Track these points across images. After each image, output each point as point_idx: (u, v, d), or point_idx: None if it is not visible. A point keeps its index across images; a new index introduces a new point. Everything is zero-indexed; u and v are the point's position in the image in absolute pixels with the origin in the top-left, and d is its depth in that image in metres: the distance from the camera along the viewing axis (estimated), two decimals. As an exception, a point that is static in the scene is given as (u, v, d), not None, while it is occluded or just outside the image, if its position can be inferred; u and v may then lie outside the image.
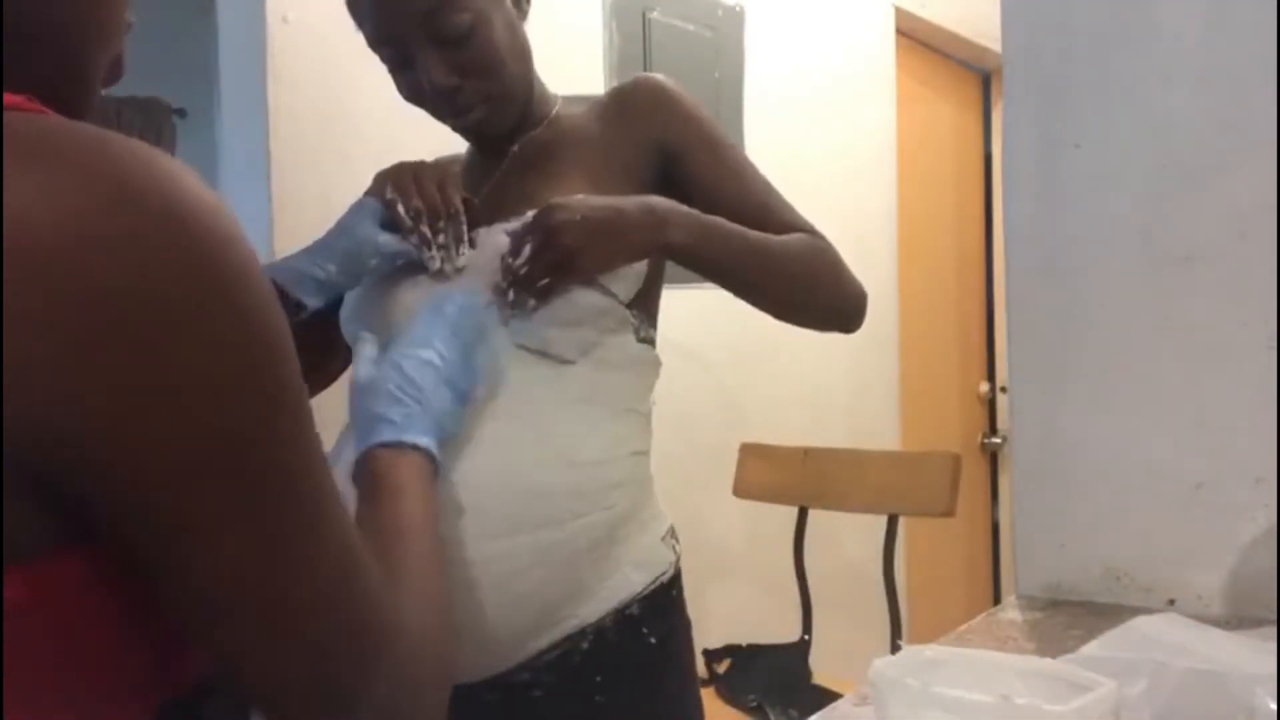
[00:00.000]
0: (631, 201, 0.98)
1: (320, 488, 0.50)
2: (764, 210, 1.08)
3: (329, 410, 0.89)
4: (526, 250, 0.94)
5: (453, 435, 0.85)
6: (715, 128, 1.10)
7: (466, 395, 0.87)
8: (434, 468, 0.79)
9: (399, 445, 0.77)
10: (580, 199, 0.96)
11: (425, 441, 0.79)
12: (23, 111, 0.43)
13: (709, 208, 1.03)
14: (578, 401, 0.97)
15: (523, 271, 0.94)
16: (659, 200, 0.99)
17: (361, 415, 0.81)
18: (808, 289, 1.08)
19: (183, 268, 0.42)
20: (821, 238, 1.09)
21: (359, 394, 0.84)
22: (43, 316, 0.39)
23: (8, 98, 0.43)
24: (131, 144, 0.43)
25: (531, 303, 0.95)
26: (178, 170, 0.44)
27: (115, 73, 0.55)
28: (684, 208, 1.00)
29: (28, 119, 0.43)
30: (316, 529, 0.49)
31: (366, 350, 0.88)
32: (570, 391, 0.97)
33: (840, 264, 1.09)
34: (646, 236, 0.97)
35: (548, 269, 0.94)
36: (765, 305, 1.08)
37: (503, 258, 0.97)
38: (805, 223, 1.10)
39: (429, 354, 0.84)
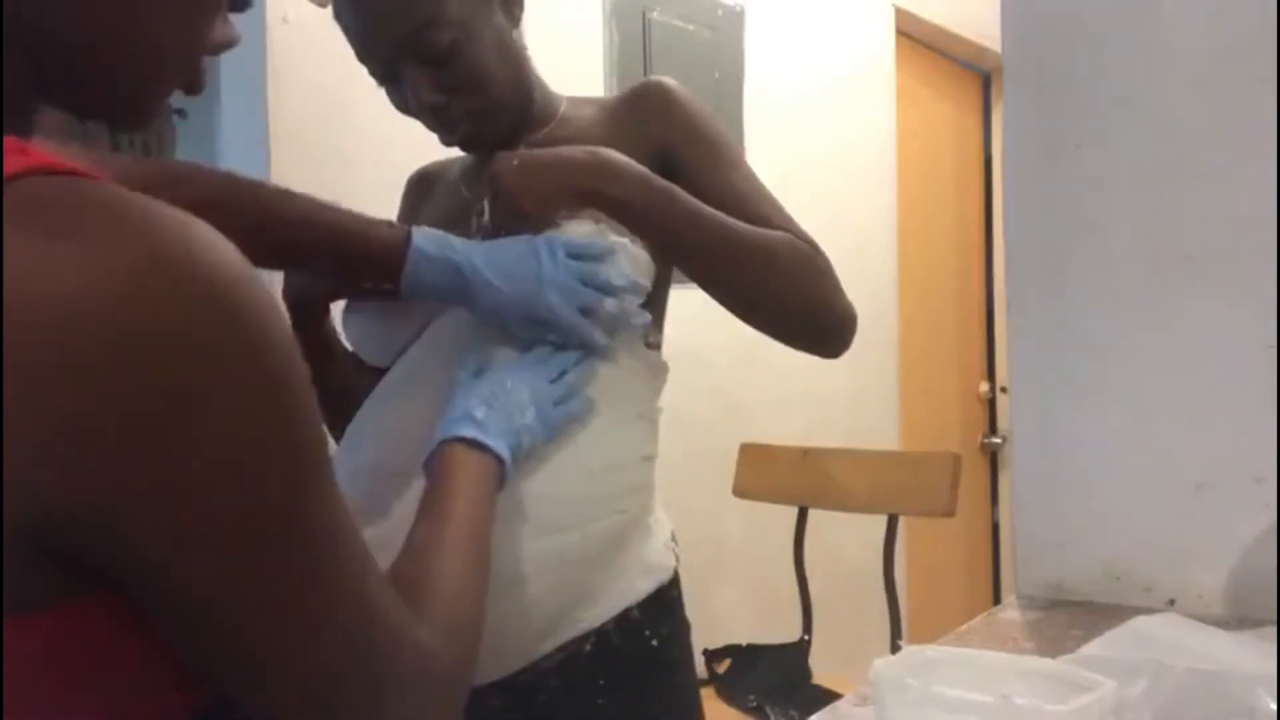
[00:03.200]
0: (579, 148, 0.97)
1: (337, 539, 0.50)
2: (757, 214, 1.01)
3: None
4: (486, 207, 0.97)
5: (526, 451, 0.87)
6: (718, 132, 1.08)
7: (553, 426, 0.90)
8: (502, 472, 0.82)
9: (475, 444, 0.81)
10: (524, 150, 0.97)
11: (499, 446, 0.82)
12: (50, 175, 0.42)
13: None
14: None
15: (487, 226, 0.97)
16: (611, 153, 0.97)
17: (450, 411, 0.85)
18: (780, 290, 0.99)
19: (213, 337, 0.42)
20: (814, 245, 1.01)
21: (457, 394, 0.88)
22: (63, 395, 0.39)
23: (45, 160, 0.43)
24: (165, 212, 0.42)
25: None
26: (210, 237, 0.43)
27: (195, 85, 0.55)
28: (638, 167, 0.96)
29: (56, 184, 0.42)
30: (333, 581, 0.50)
31: (471, 365, 0.92)
32: None
33: (829, 276, 1.00)
34: (585, 179, 0.95)
35: (499, 218, 0.95)
36: (731, 300, 1.01)
37: (474, 218, 0.99)
38: (799, 229, 1.03)
39: (531, 376, 0.89)
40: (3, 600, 0.41)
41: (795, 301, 1.00)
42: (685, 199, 0.98)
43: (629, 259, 0.97)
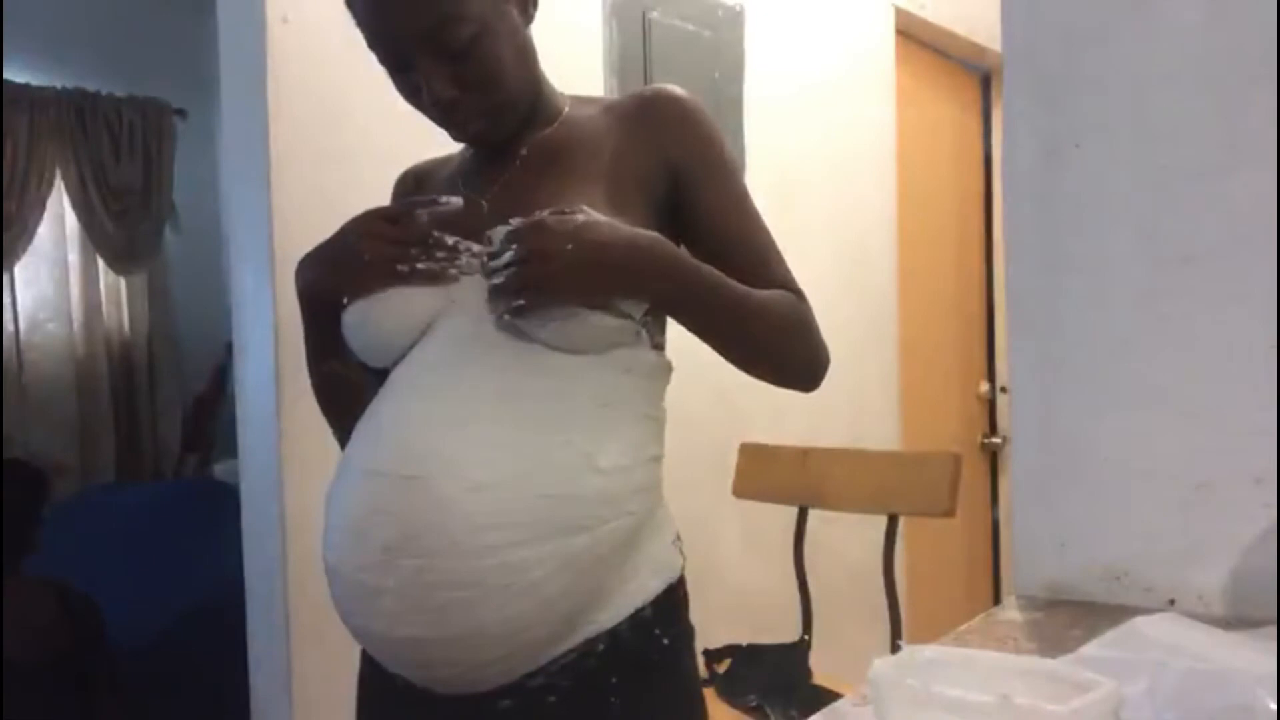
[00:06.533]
0: (624, 239, 0.95)
1: None
2: (761, 263, 1.07)
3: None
4: (508, 255, 0.92)
5: None
6: (728, 155, 1.09)
7: None
8: None
9: None
10: (579, 222, 0.93)
11: None
12: None
13: (707, 238, 1.06)
14: (599, 407, 0.97)
15: (498, 280, 0.93)
16: (653, 244, 0.96)
17: None
18: (780, 352, 1.08)
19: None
20: (804, 299, 1.09)
21: None
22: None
23: None
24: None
25: (503, 313, 0.94)
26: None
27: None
28: (677, 254, 0.99)
29: None
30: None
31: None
32: (591, 398, 0.96)
33: (814, 328, 1.09)
34: (628, 283, 0.95)
35: (523, 283, 0.92)
36: (733, 358, 1.08)
37: (486, 256, 0.96)
38: (794, 281, 1.09)
39: None
40: None
41: (791, 359, 1.10)
42: (714, 285, 1.00)
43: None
